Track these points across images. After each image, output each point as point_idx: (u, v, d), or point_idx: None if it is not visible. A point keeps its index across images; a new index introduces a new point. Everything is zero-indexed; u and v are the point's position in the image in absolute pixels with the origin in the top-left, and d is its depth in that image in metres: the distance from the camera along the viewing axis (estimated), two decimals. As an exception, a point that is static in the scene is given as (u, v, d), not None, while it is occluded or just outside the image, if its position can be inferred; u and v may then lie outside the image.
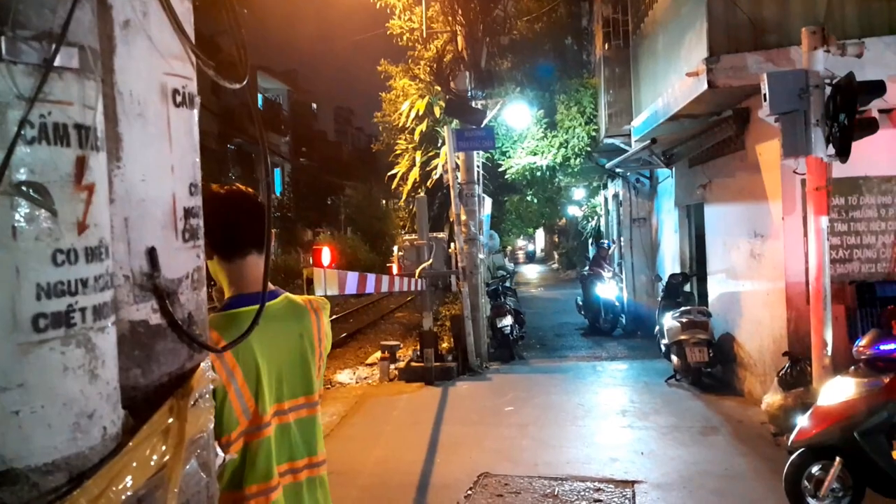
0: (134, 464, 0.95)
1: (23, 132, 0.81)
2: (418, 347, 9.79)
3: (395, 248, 11.24)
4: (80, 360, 0.88)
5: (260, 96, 30.61)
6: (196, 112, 1.20)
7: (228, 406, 1.68)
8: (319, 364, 1.97)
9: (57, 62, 0.84)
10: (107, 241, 0.95)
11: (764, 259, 7.01)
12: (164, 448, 1.02)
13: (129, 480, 0.94)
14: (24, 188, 0.82)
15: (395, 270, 11.25)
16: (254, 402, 1.74)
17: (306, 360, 1.90)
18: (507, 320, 10.79)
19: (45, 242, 0.84)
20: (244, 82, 1.31)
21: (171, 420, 1.05)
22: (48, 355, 0.84)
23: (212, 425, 1.21)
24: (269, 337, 1.79)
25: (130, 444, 0.96)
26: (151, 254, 1.09)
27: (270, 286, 1.86)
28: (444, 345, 10.21)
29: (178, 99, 1.14)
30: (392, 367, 9.90)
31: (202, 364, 1.20)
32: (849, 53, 5.11)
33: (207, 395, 1.19)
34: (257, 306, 1.72)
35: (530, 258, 42.13)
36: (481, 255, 10.72)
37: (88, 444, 0.89)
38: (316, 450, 1.91)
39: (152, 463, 0.98)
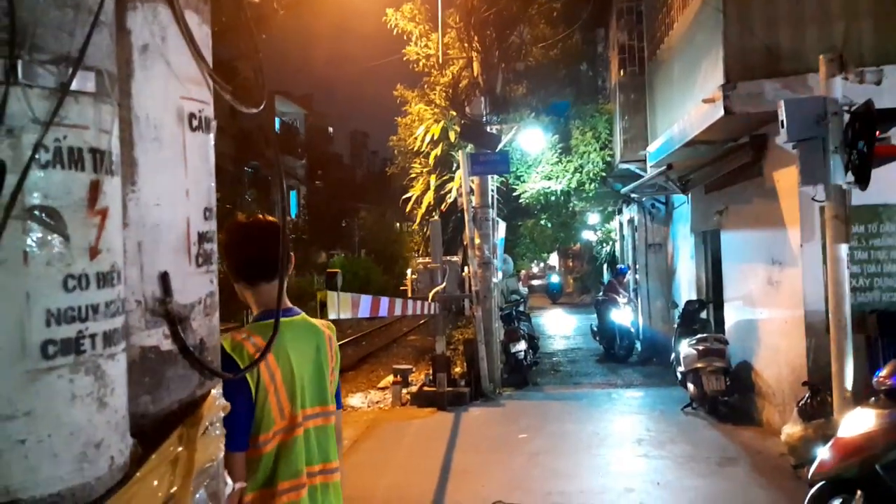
0: (140, 496, 0.93)
1: (37, 156, 0.80)
2: (431, 372, 9.72)
3: (409, 272, 11.22)
4: (88, 387, 0.86)
5: (277, 120, 30.95)
6: (212, 136, 1.20)
7: (268, 406, 1.83)
8: (332, 379, 2.11)
9: (73, 86, 0.84)
10: (119, 266, 0.94)
11: (782, 286, 6.91)
12: (172, 478, 1.00)
13: (135, 512, 0.91)
14: (36, 212, 0.81)
15: (408, 294, 11.24)
16: (289, 404, 1.89)
17: (322, 371, 2.05)
18: (521, 345, 10.71)
19: (56, 267, 0.83)
20: (261, 107, 1.31)
21: (180, 449, 1.03)
22: (56, 383, 0.83)
23: (222, 454, 1.18)
24: (296, 347, 1.97)
25: (138, 474, 0.94)
26: (164, 279, 1.08)
27: (290, 304, 2.05)
28: (457, 369, 10.14)
29: (195, 123, 1.14)
30: (404, 391, 9.83)
31: (213, 391, 1.18)
32: (868, 81, 5.07)
33: (218, 423, 1.17)
34: (289, 318, 1.99)
35: (553, 294, 29.79)
36: (495, 279, 10.68)
37: (95, 474, 0.87)
38: (330, 456, 2.04)
39: (160, 494, 0.96)
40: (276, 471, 1.84)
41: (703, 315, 9.53)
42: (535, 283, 34.37)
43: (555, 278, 31.00)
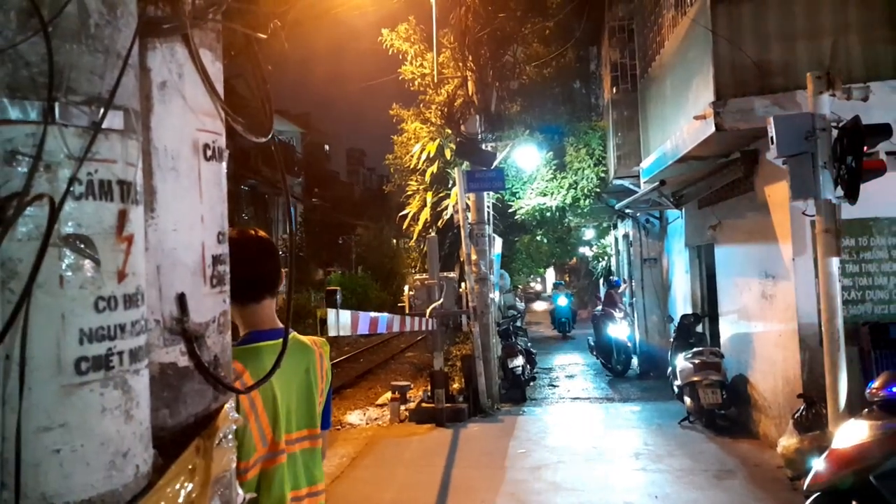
0: (162, 502, 0.99)
1: (72, 189, 0.88)
2: (429, 388, 9.75)
3: (406, 288, 11.27)
4: (117, 401, 0.93)
5: (265, 141, 31.01)
6: (224, 165, 1.28)
7: (249, 433, 1.76)
8: (321, 400, 2.05)
9: (104, 124, 0.91)
10: (143, 288, 1.01)
11: (776, 300, 6.99)
12: (190, 487, 1.06)
13: (158, 518, 0.98)
14: (71, 240, 0.88)
15: (406, 310, 11.28)
16: (271, 430, 1.82)
17: (312, 394, 1.99)
18: (519, 360, 10.75)
19: (88, 290, 0.90)
20: (269, 137, 1.39)
21: (197, 459, 1.10)
22: (88, 396, 0.90)
23: (234, 465, 1.25)
24: (282, 370, 1.87)
25: (160, 482, 1.01)
26: (181, 299, 1.15)
27: (279, 324, 1.96)
28: (455, 385, 10.17)
29: (209, 153, 1.21)
30: (402, 408, 9.85)
31: (226, 405, 1.24)
32: (854, 97, 5.18)
33: (230, 436, 1.24)
34: (274, 341, 1.86)
35: (561, 325, 20.99)
36: (492, 295, 10.74)
37: (122, 482, 0.94)
38: (316, 479, 1.99)
39: (180, 501, 1.02)
40: (258, 499, 1.78)
41: (699, 329, 9.60)
42: (538, 306, 26.04)
43: (562, 300, 21.27)
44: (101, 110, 0.91)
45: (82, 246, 0.89)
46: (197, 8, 1.17)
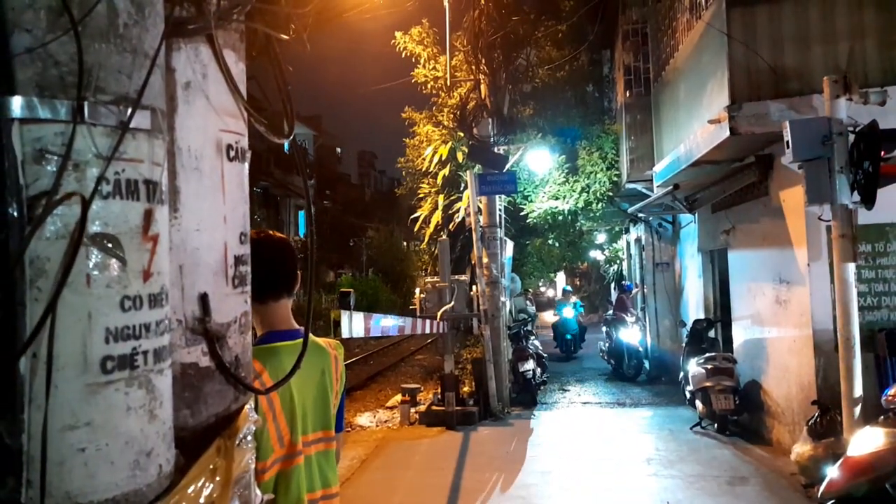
0: (186, 501, 0.99)
1: (100, 188, 0.88)
2: (439, 391, 9.74)
3: (417, 291, 11.25)
4: (141, 400, 0.93)
5: (287, 142, 31.17)
6: (246, 166, 1.28)
7: (266, 434, 1.76)
8: (335, 402, 2.05)
9: (131, 124, 0.92)
10: (167, 288, 1.01)
11: (790, 305, 6.93)
12: (211, 487, 1.06)
13: (180, 517, 0.98)
14: (98, 239, 0.88)
15: (417, 313, 11.27)
16: (289, 431, 1.83)
17: (327, 395, 1.99)
18: (530, 364, 10.71)
19: (114, 289, 0.90)
20: (290, 137, 1.39)
21: (218, 460, 1.10)
22: (113, 396, 0.90)
23: (253, 465, 1.25)
24: (299, 371, 1.88)
25: (182, 482, 1.01)
26: (203, 299, 1.15)
27: (295, 325, 1.97)
28: (466, 388, 10.15)
29: (232, 154, 1.22)
30: (412, 410, 9.84)
31: (246, 405, 1.25)
32: (872, 101, 5.14)
33: (250, 437, 1.24)
34: (291, 342, 1.88)
35: (566, 342, 16.48)
36: (503, 298, 10.72)
37: (146, 481, 0.94)
38: (331, 482, 1.99)
39: (202, 500, 1.02)
40: (275, 500, 1.78)
41: (712, 334, 9.54)
42: (548, 316, 22.30)
43: (568, 311, 16.70)
44: (129, 110, 0.91)
45: (109, 245, 0.89)
46: (222, 9, 1.17)
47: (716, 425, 7.90)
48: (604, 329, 14.60)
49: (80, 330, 0.87)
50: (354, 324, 5.88)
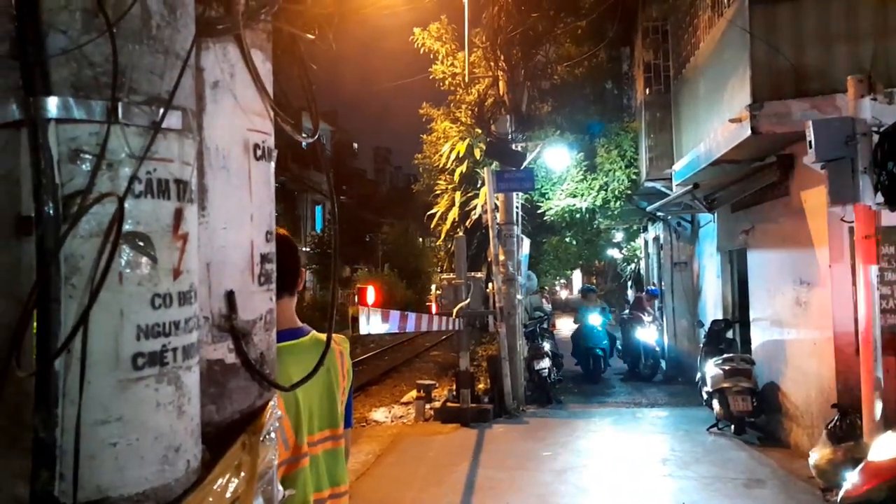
0: (211, 497, 1.01)
1: (132, 187, 0.90)
2: (454, 387, 9.76)
3: (434, 287, 11.27)
4: (170, 396, 0.95)
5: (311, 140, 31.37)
6: (273, 164, 1.29)
7: None
8: (342, 399, 2.02)
9: (163, 124, 0.93)
10: (196, 285, 1.02)
11: (810, 307, 6.86)
12: (237, 482, 1.08)
13: (207, 512, 0.99)
14: (130, 238, 0.90)
15: (433, 309, 11.28)
16: (293, 433, 1.80)
17: (333, 394, 1.96)
18: (545, 362, 10.70)
19: (145, 287, 0.92)
20: (316, 136, 1.40)
21: (243, 455, 1.11)
22: (143, 391, 0.91)
23: (276, 461, 1.26)
24: (303, 371, 1.81)
25: (209, 477, 1.02)
26: (230, 297, 1.16)
27: (300, 323, 1.95)
28: (481, 386, 10.16)
29: (258, 153, 1.23)
30: (427, 406, 9.87)
31: (270, 402, 1.26)
32: (896, 102, 5.07)
33: (273, 433, 1.25)
34: (293, 341, 1.86)
35: (593, 364, 12.64)
36: (519, 296, 10.71)
37: (174, 476, 0.95)
38: (339, 480, 1.96)
39: (228, 495, 1.04)
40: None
41: (730, 335, 9.46)
42: (562, 323, 19.05)
43: (595, 318, 13.14)
44: (161, 110, 0.93)
45: (141, 244, 0.91)
46: (250, 8, 1.18)
47: (732, 427, 7.85)
48: (620, 328, 14.50)
49: (112, 327, 0.88)
50: (372, 320, 5.91)
